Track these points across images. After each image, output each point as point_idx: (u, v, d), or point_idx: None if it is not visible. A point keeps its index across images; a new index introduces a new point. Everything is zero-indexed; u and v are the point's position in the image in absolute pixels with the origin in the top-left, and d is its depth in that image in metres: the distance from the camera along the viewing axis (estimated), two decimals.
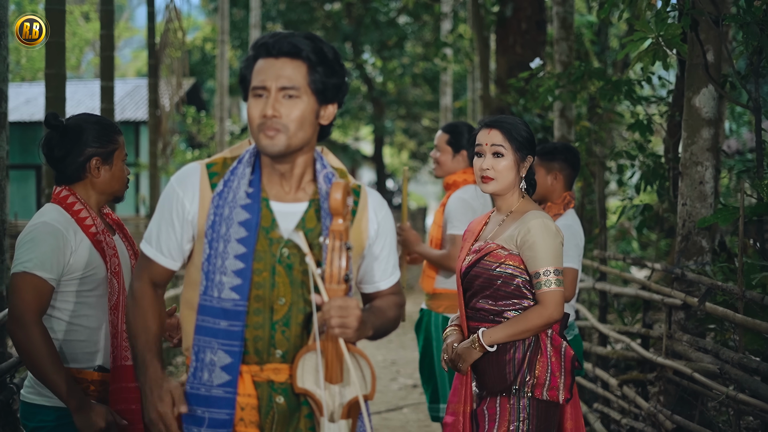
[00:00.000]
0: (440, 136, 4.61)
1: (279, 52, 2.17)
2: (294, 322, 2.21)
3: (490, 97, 10.16)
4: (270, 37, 2.20)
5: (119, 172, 2.95)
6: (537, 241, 2.93)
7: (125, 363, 2.79)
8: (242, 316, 2.16)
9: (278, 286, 2.20)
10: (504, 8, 9.84)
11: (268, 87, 2.17)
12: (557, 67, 7.13)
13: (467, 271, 3.07)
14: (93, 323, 2.82)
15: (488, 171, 3.04)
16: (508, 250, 2.98)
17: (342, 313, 2.10)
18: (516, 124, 3.06)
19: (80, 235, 2.81)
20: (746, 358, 3.77)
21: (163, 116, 11.46)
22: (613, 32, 12.94)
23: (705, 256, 4.46)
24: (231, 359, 2.16)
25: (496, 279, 2.98)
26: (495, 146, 3.03)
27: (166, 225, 2.25)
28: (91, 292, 2.81)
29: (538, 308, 2.92)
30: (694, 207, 4.43)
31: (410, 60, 23.14)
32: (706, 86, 4.38)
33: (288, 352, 2.21)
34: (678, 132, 5.14)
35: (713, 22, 4.28)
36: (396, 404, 7.04)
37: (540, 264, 2.93)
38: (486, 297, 3.01)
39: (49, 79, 5.92)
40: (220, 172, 2.25)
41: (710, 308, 4.07)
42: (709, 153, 4.42)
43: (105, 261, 2.82)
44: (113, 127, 2.96)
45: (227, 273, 2.16)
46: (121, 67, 32.84)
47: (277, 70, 2.16)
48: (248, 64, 2.22)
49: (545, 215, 3.00)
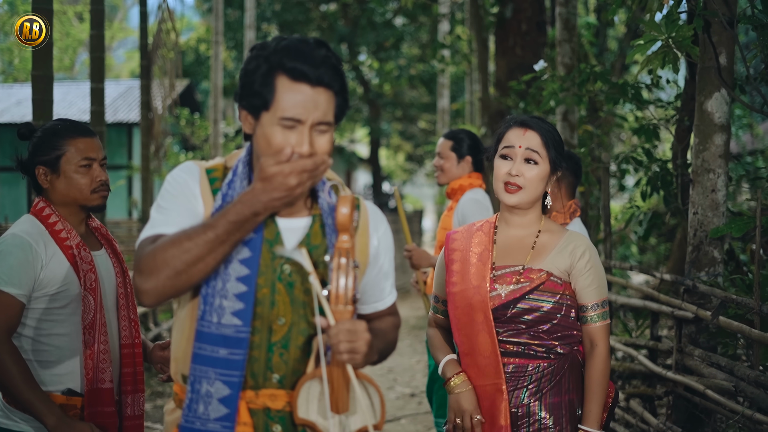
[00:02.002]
0: (443, 143, 4.55)
1: (318, 82, 1.94)
2: (293, 344, 2.03)
3: (489, 99, 9.99)
4: (305, 60, 1.94)
5: (73, 179, 2.74)
6: (595, 270, 2.64)
7: (101, 386, 2.63)
8: (244, 343, 1.97)
9: (278, 304, 2.02)
10: (504, 9, 9.68)
11: (304, 121, 1.94)
12: (560, 70, 6.97)
13: (509, 305, 2.63)
14: (63, 343, 2.66)
15: (517, 178, 2.62)
16: (559, 278, 2.64)
17: (351, 338, 1.92)
18: (551, 130, 2.70)
19: (53, 248, 2.65)
20: (763, 375, 3.60)
21: (155, 118, 11.27)
22: (611, 34, 12.80)
23: (717, 267, 4.29)
24: (230, 390, 1.96)
25: (556, 312, 2.63)
26: (530, 151, 2.63)
27: (179, 206, 2.00)
28: (61, 310, 2.65)
29: (597, 353, 2.64)
30: (706, 216, 4.26)
31: (407, 62, 23.00)
32: (719, 90, 4.21)
33: (285, 377, 2.03)
34: (686, 137, 4.97)
35: (727, 23, 4.11)
36: (393, 414, 6.87)
37: (594, 295, 2.65)
38: (539, 332, 2.64)
39: (36, 80, 5.73)
40: (219, 178, 2.07)
41: (724, 322, 3.90)
42: (722, 160, 4.25)
43: (78, 276, 2.65)
44: (59, 133, 2.76)
45: (228, 296, 1.96)
46: (116, 68, 32.65)
47: (314, 103, 1.94)
48: (268, 81, 1.96)
49: (588, 238, 2.73)
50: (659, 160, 5.51)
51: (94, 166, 2.78)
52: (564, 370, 2.66)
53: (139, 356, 2.82)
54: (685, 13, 4.50)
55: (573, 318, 2.66)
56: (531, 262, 2.65)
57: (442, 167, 4.56)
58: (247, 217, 1.88)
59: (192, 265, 1.86)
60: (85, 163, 2.76)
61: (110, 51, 31.32)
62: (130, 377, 2.78)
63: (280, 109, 1.94)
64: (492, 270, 2.68)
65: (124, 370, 2.79)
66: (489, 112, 9.90)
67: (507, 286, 2.64)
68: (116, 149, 18.85)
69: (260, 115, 1.97)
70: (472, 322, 2.65)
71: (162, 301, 1.92)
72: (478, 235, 2.75)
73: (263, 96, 1.95)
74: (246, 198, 1.89)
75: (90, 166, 2.77)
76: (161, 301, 1.92)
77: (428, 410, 6.90)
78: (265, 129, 1.96)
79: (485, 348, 2.64)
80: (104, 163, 2.83)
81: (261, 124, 1.97)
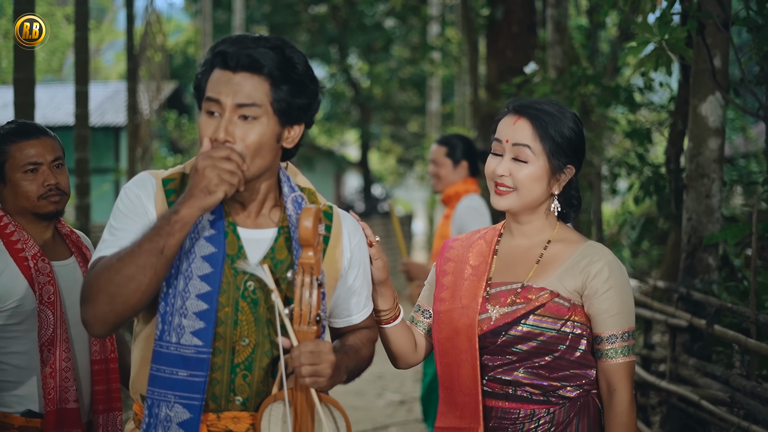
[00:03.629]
0: (436, 150, 4.50)
1: (237, 65, 1.86)
2: (257, 366, 1.93)
3: (479, 102, 9.92)
4: (230, 44, 1.88)
5: (19, 186, 2.55)
6: (616, 292, 2.09)
7: (65, 406, 2.47)
8: (205, 365, 1.86)
9: (241, 324, 1.91)
10: (494, 11, 9.61)
11: (223, 103, 1.86)
12: (551, 72, 6.90)
13: (499, 331, 2.12)
14: (22, 362, 2.49)
15: (505, 178, 2.15)
16: (568, 300, 2.11)
17: (314, 360, 1.82)
18: (557, 115, 2.15)
19: (5, 260, 2.49)
20: (759, 386, 3.51)
21: (142, 121, 11.14)
22: (603, 36, 12.75)
23: (711, 274, 4.20)
24: (190, 414, 1.85)
25: (559, 343, 2.10)
26: (518, 146, 2.13)
27: (129, 227, 1.89)
28: (18, 326, 2.48)
29: (617, 401, 2.08)
30: (701, 222, 4.17)
31: (397, 64, 22.93)
32: (713, 93, 4.13)
33: (249, 399, 1.93)
34: (680, 141, 4.90)
35: (721, 25, 4.02)
36: (383, 422, 6.77)
37: (613, 324, 2.09)
38: (537, 368, 2.12)
39: (18, 84, 5.62)
40: (177, 189, 1.94)
41: (719, 331, 3.81)
42: (716, 165, 4.17)
43: (34, 290, 2.48)
44: (2, 138, 2.58)
45: (188, 315, 1.85)
46: (104, 71, 32.45)
47: (234, 86, 1.86)
48: (204, 71, 1.92)
49: (611, 251, 2.18)
50: (652, 164, 5.43)
51: (41, 170, 2.58)
52: (569, 419, 2.13)
53: (114, 372, 2.67)
54: (679, 14, 4.41)
55: (584, 351, 2.13)
56: (533, 279, 2.15)
57: (437, 174, 4.50)
58: (173, 222, 1.78)
59: (124, 286, 1.75)
60: (30, 167, 2.56)
61: (99, 53, 31.12)
62: (102, 395, 2.63)
63: (205, 94, 1.89)
64: (487, 287, 2.20)
65: (96, 388, 2.62)
66: (480, 115, 9.83)
67: (500, 307, 2.15)
68: (103, 152, 18.72)
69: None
70: (455, 349, 2.18)
71: (110, 330, 1.82)
72: (478, 245, 2.28)
73: (201, 87, 1.91)
74: (177, 202, 1.82)
75: (35, 170, 2.57)
76: (108, 330, 1.82)
77: (418, 418, 6.81)
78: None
79: (466, 383, 2.16)
80: (58, 164, 2.62)
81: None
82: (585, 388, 2.15)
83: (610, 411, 2.10)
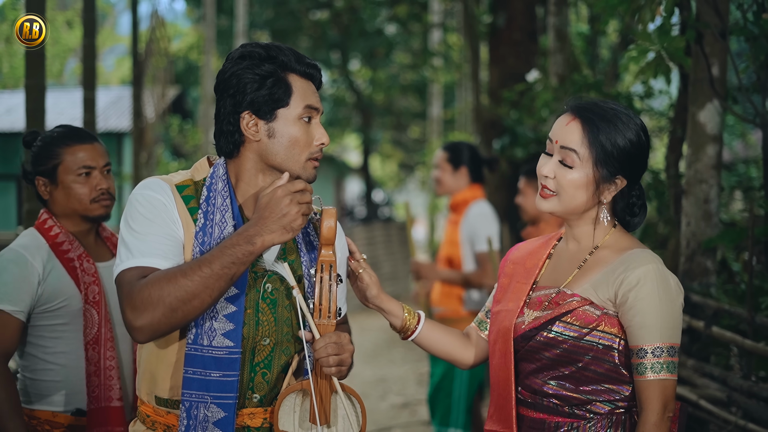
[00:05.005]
0: (440, 155, 4.66)
1: (318, 83, 2.07)
2: (276, 363, 2.04)
3: (481, 108, 10.01)
4: (309, 65, 2.05)
5: (72, 189, 2.63)
6: (649, 300, 1.96)
7: (109, 404, 2.54)
8: (237, 364, 1.96)
9: (263, 324, 2.01)
10: (496, 19, 9.71)
11: (320, 111, 2.04)
12: (553, 79, 7.00)
13: (529, 336, 2.07)
14: (70, 361, 2.57)
15: (548, 180, 2.08)
16: (601, 309, 2.02)
17: (338, 351, 1.96)
18: (614, 122, 2.03)
19: (53, 261, 2.57)
20: (756, 386, 3.61)
21: (146, 126, 11.24)
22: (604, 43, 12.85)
23: (710, 278, 4.30)
24: (225, 413, 1.95)
25: (583, 353, 2.01)
26: (565, 150, 2.04)
27: (159, 232, 1.94)
28: (66, 326, 2.56)
29: (643, 421, 1.95)
30: (699, 227, 4.27)
31: (399, 70, 23.04)
32: (711, 101, 4.23)
33: (266, 396, 2.04)
34: (679, 147, 5.00)
35: (719, 35, 4.13)
36: (386, 425, 6.84)
37: (648, 337, 1.96)
38: (562, 378, 2.04)
39: (29, 89, 5.69)
40: (194, 196, 2.02)
41: (717, 333, 3.91)
42: (714, 171, 4.27)
43: (80, 289, 2.57)
44: (55, 141, 2.65)
45: (218, 318, 1.95)
46: (105, 76, 32.53)
47: (318, 99, 2.06)
48: (280, 82, 2.01)
49: (659, 260, 2.03)
50: (652, 170, 5.53)
51: (93, 174, 2.66)
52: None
53: None
54: (678, 24, 4.52)
55: (615, 365, 2.02)
56: (570, 285, 2.07)
57: (438, 179, 4.63)
58: (248, 254, 1.87)
59: (187, 302, 1.84)
60: (83, 171, 2.64)
61: (100, 58, 31.21)
62: None
63: (304, 102, 2.02)
64: (531, 290, 2.15)
65: None
66: (481, 121, 9.92)
67: (534, 311, 2.10)
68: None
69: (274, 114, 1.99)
70: (497, 351, 2.15)
71: (156, 337, 1.90)
72: (539, 247, 2.23)
73: (280, 99, 2.01)
74: (248, 233, 1.88)
75: (89, 174, 2.65)
76: (155, 338, 1.90)
77: (421, 420, 6.89)
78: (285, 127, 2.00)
79: (503, 387, 2.13)
80: (107, 169, 2.70)
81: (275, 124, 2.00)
82: (619, 405, 2.04)
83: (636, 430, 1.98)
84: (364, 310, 13.65)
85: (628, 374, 2.02)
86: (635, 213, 2.13)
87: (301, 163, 2.01)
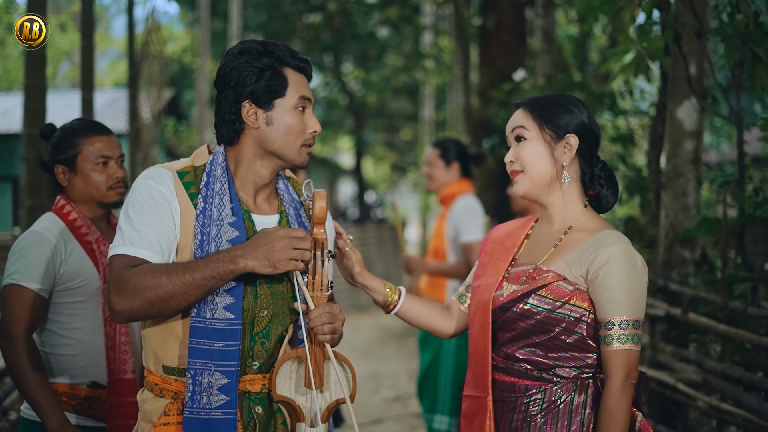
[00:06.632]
0: (430, 151, 4.75)
1: (309, 77, 2.26)
2: (273, 333, 2.21)
3: (472, 109, 10.19)
4: (302, 60, 2.24)
5: (90, 177, 2.82)
6: (617, 277, 2.13)
7: (123, 377, 2.72)
8: (238, 335, 2.13)
9: (261, 297, 2.18)
10: (486, 21, 9.89)
11: (312, 101, 2.24)
12: (540, 79, 7.18)
13: (506, 308, 2.26)
14: (87, 336, 2.74)
15: (513, 164, 2.28)
16: (573, 285, 2.19)
17: (331, 320, 2.15)
18: (551, 96, 2.31)
19: (72, 243, 2.75)
20: (729, 368, 3.79)
21: (143, 127, 11.38)
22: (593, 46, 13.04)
23: (688, 267, 4.49)
24: (228, 380, 2.12)
25: (554, 324, 2.19)
26: (518, 129, 2.28)
27: (154, 223, 2.11)
28: (83, 304, 2.74)
29: (607, 389, 2.13)
30: (677, 219, 4.46)
31: (391, 72, 23.17)
32: (689, 99, 4.42)
33: (264, 363, 2.21)
34: (660, 144, 5.18)
35: (696, 35, 4.32)
36: (378, 417, 7.00)
37: (615, 310, 2.13)
38: (533, 345, 2.23)
39: (29, 90, 5.84)
40: (194, 182, 2.20)
41: (693, 319, 4.10)
42: (692, 165, 4.46)
43: (98, 270, 2.75)
44: (76, 132, 2.84)
45: (219, 293, 2.12)
46: (99, 79, 32.61)
47: (310, 91, 2.25)
48: (277, 74, 2.20)
49: (627, 240, 2.20)
50: (634, 166, 5.71)
51: (110, 163, 2.84)
52: (564, 398, 2.21)
53: None
54: (658, 24, 4.71)
55: (583, 336, 2.20)
56: (546, 262, 2.25)
57: (430, 175, 4.72)
58: (228, 272, 2.04)
59: (164, 301, 2.03)
60: (101, 160, 2.82)
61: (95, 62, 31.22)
62: None
63: (300, 93, 2.20)
64: (510, 266, 2.33)
65: None
66: (472, 122, 10.09)
67: (512, 285, 2.28)
68: None
69: (272, 104, 2.18)
70: (476, 322, 2.34)
71: (131, 321, 2.11)
72: (518, 228, 2.43)
73: (277, 90, 2.19)
74: (235, 253, 2.05)
75: (106, 163, 2.84)
76: (131, 321, 2.11)
77: (412, 413, 7.04)
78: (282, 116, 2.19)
79: (481, 354, 2.31)
80: (122, 160, 2.89)
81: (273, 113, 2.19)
82: (585, 371, 2.21)
83: (602, 396, 2.15)
84: (358, 310, 13.81)
85: (595, 345, 2.20)
86: (601, 184, 2.29)
87: (296, 149, 2.21)
